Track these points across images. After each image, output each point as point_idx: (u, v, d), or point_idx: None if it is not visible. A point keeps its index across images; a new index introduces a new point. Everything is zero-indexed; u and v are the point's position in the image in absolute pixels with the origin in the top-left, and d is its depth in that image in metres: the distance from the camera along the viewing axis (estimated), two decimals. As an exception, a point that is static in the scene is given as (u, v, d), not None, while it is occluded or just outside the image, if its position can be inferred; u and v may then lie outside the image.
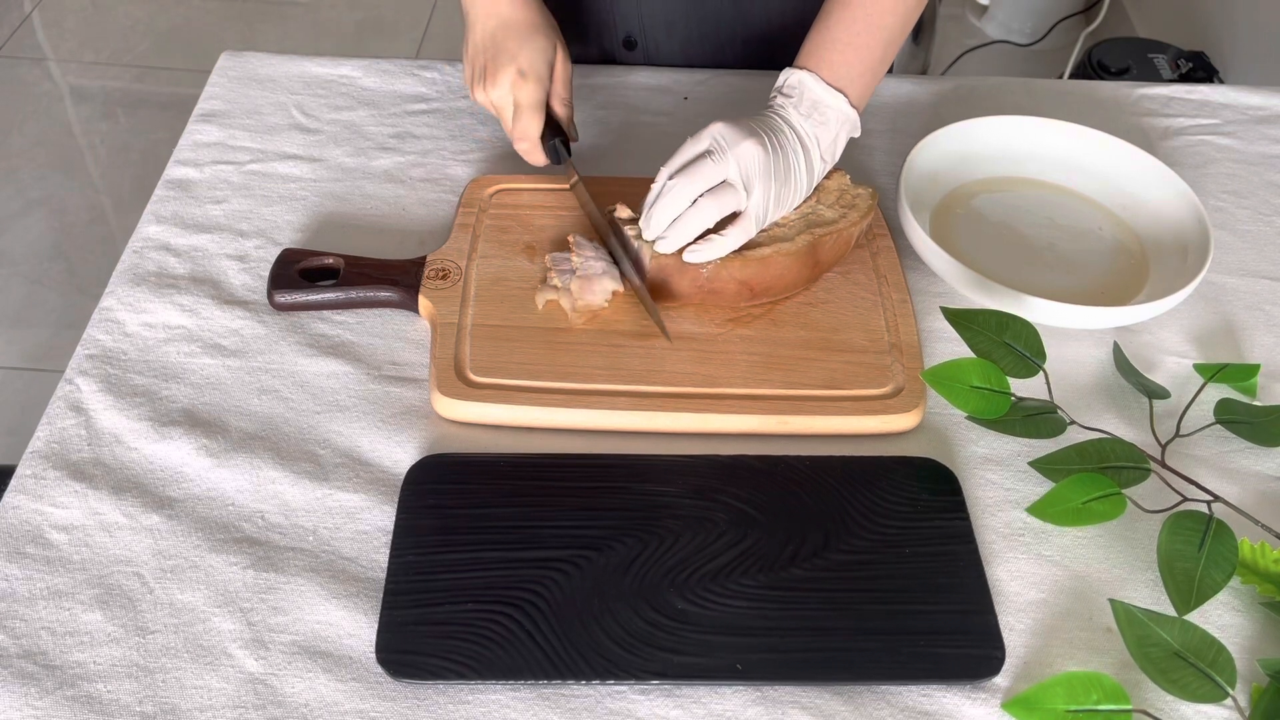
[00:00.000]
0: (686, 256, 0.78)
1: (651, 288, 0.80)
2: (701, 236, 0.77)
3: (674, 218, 0.77)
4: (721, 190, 0.76)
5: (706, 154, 0.76)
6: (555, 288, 0.80)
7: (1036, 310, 0.78)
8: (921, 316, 0.83)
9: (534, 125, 0.86)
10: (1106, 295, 0.84)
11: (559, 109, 0.88)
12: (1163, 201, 0.89)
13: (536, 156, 0.88)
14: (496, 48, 0.85)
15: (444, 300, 0.80)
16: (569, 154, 0.88)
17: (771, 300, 0.81)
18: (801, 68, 0.80)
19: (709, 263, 0.78)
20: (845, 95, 0.80)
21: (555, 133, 0.87)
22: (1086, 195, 0.93)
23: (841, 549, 0.67)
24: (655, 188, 0.78)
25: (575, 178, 0.87)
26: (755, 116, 0.79)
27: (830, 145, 0.81)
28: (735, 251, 0.78)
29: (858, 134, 0.82)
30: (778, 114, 0.80)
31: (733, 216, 0.78)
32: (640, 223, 0.79)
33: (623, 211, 0.82)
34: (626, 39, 1.06)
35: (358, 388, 0.77)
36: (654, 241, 0.78)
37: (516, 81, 0.84)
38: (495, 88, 0.85)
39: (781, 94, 0.81)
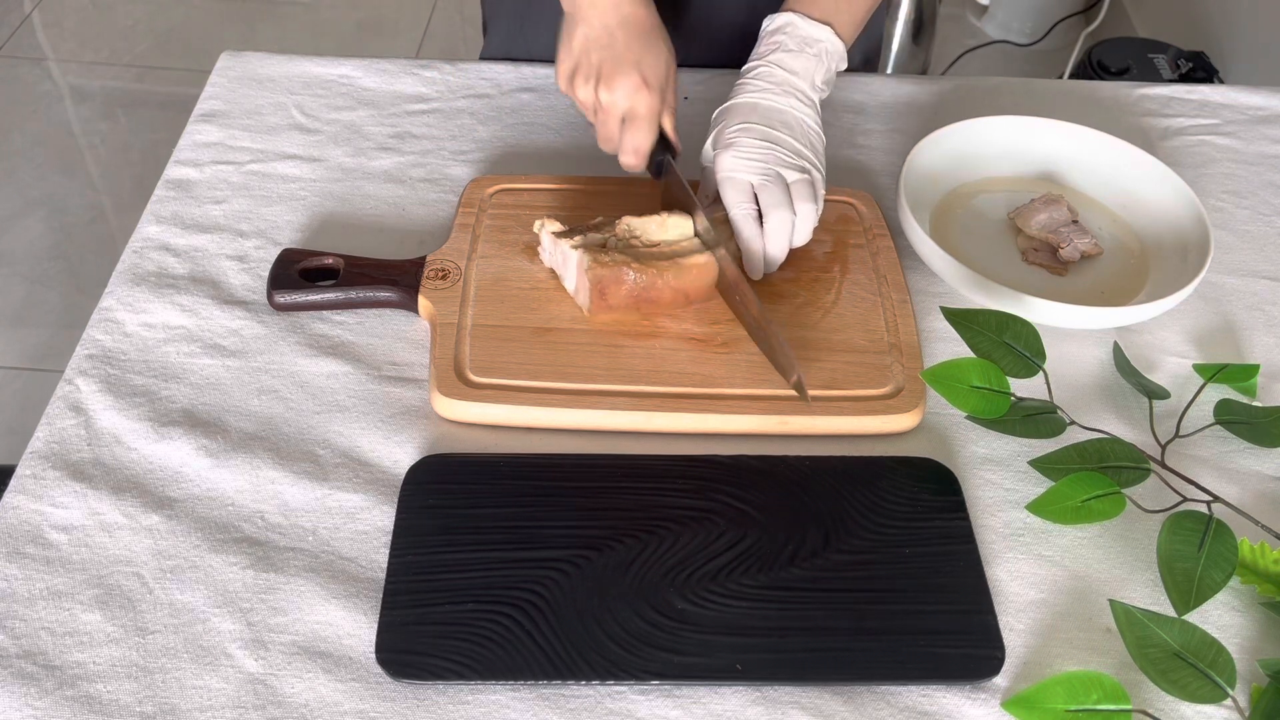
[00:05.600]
0: (796, 243, 0.81)
1: (592, 299, 0.78)
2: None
3: (789, 241, 0.81)
4: (799, 185, 0.80)
5: (766, 182, 0.79)
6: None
7: (1036, 310, 0.78)
8: (921, 316, 0.83)
9: (648, 139, 0.82)
10: (1106, 295, 0.84)
11: (667, 121, 0.83)
12: (1163, 201, 0.89)
13: (638, 167, 0.84)
14: (617, 47, 0.80)
15: (444, 300, 0.80)
16: (674, 167, 0.83)
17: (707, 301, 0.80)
18: (788, 10, 0.85)
19: (667, 268, 0.79)
20: (831, 27, 0.84)
21: (665, 148, 0.83)
22: (1087, 195, 0.93)
23: (841, 549, 0.67)
24: (747, 229, 0.79)
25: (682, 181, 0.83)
26: (749, 90, 0.84)
27: (824, 77, 0.85)
28: (670, 261, 0.78)
29: (844, 66, 0.87)
30: (770, 67, 0.84)
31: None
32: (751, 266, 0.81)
33: (626, 222, 0.81)
34: None
35: (357, 388, 0.77)
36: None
37: (638, 88, 0.80)
38: (612, 91, 0.80)
39: (772, 36, 0.85)
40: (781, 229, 0.80)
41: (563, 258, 0.80)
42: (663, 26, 0.84)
